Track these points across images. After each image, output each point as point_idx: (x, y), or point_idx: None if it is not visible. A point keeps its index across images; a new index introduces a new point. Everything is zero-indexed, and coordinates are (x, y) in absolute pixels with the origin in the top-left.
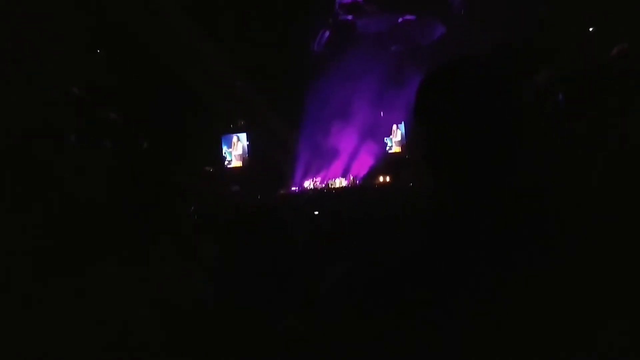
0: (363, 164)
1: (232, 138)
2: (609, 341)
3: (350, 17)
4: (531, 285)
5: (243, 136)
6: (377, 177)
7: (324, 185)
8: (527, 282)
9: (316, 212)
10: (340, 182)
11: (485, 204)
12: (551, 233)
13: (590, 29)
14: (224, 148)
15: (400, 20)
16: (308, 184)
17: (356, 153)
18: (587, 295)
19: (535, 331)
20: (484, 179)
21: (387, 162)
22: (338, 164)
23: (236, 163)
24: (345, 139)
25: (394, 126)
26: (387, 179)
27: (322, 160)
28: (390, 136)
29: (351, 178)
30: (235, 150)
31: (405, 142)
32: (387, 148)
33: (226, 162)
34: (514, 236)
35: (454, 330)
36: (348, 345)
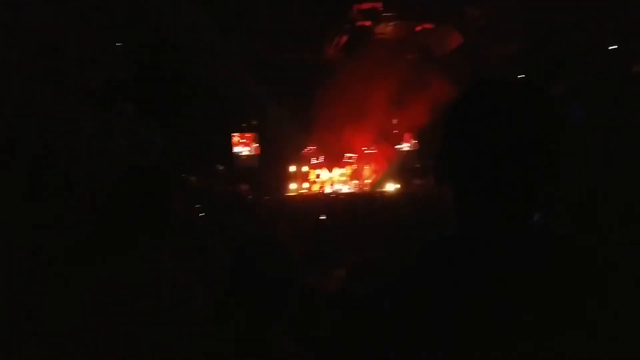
0: (373, 170)
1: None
2: (604, 344)
3: (367, 23)
4: (527, 291)
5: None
6: (386, 184)
7: (331, 190)
8: (522, 289)
9: (322, 217)
10: (348, 187)
11: (487, 212)
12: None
13: (610, 47)
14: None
15: (418, 29)
16: (317, 187)
17: (366, 158)
18: (584, 301)
19: (532, 335)
20: (492, 190)
21: (397, 169)
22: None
23: (244, 162)
24: (355, 144)
25: (407, 134)
26: (397, 186)
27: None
28: (403, 143)
29: (359, 184)
30: (244, 149)
31: (417, 151)
32: (399, 155)
33: (235, 161)
34: (513, 245)
35: (452, 335)
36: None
